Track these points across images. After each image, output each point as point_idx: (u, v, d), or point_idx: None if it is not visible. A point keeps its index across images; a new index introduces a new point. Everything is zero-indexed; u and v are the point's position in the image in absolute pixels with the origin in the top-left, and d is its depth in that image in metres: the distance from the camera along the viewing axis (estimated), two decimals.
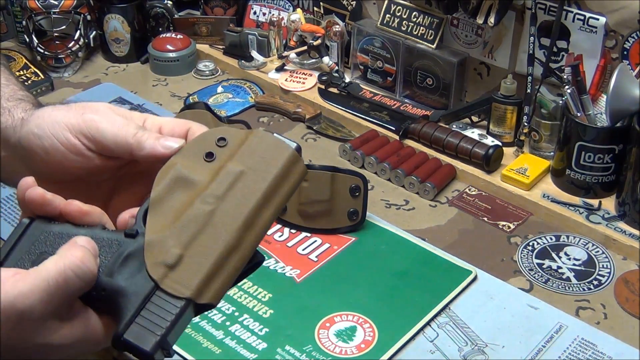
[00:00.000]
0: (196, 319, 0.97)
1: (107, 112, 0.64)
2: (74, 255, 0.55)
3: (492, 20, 1.25)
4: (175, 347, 0.93)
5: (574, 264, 1.08)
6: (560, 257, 1.09)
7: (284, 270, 1.05)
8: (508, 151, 1.27)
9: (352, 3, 1.50)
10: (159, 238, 0.57)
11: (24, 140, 0.64)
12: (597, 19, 1.18)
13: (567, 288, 1.04)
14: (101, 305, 0.57)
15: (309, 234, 1.12)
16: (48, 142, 0.63)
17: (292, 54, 1.53)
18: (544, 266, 1.07)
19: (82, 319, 0.56)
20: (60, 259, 0.54)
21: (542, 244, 1.12)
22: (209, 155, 0.61)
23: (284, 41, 1.55)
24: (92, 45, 1.63)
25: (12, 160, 0.67)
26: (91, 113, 0.63)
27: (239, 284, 1.02)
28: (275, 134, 0.62)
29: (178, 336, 0.56)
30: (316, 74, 1.51)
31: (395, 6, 1.42)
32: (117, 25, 1.60)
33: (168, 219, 0.58)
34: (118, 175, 0.67)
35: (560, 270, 1.07)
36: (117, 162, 0.65)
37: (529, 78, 1.24)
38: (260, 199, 0.59)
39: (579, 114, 1.16)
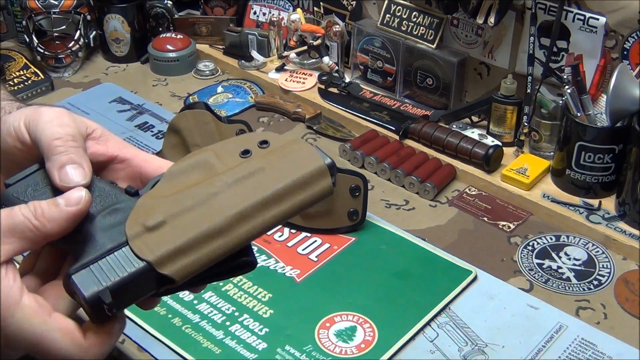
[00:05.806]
0: (196, 319, 0.97)
1: (63, 112, 0.61)
2: (35, 205, 0.55)
3: (492, 20, 1.25)
4: (175, 347, 0.93)
5: (574, 264, 1.08)
6: (560, 257, 1.09)
7: (284, 270, 1.05)
8: (508, 151, 1.27)
9: (352, 3, 1.50)
10: (152, 202, 0.56)
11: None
12: (597, 19, 1.18)
13: (567, 288, 1.04)
14: (69, 246, 0.56)
15: (309, 234, 1.12)
16: (6, 127, 0.62)
17: (292, 54, 1.53)
18: (544, 266, 1.07)
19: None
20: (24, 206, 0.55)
21: (542, 244, 1.12)
22: (245, 152, 0.59)
23: (284, 41, 1.55)
24: (92, 45, 1.63)
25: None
26: (47, 108, 0.61)
27: (239, 284, 1.02)
28: (315, 147, 0.60)
29: (131, 301, 0.55)
30: (316, 74, 1.51)
31: (395, 6, 1.42)
32: (117, 25, 1.60)
33: (172, 190, 0.57)
34: None
35: (560, 270, 1.07)
36: None
37: (529, 78, 1.24)
38: (267, 197, 0.56)
39: (579, 114, 1.16)
